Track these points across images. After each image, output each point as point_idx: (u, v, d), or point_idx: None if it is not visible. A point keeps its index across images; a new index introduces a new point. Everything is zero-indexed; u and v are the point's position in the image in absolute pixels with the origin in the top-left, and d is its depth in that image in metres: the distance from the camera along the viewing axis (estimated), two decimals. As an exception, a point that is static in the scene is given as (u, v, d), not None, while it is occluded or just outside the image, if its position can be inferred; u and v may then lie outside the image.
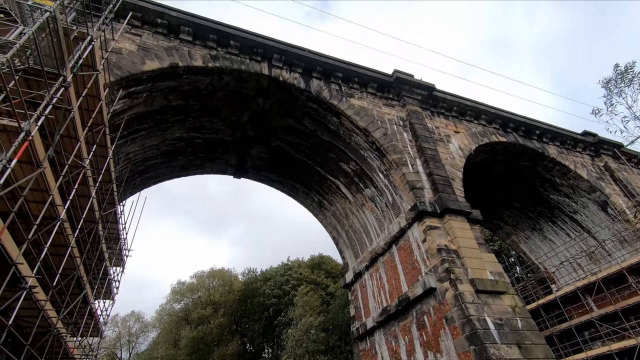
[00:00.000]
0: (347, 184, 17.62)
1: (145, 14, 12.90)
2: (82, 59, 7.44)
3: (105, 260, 12.91)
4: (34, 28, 5.71)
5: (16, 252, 6.40)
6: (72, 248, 8.88)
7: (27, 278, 6.91)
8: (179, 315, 41.39)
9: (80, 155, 8.48)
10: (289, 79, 14.70)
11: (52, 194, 7.35)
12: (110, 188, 11.48)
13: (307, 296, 36.62)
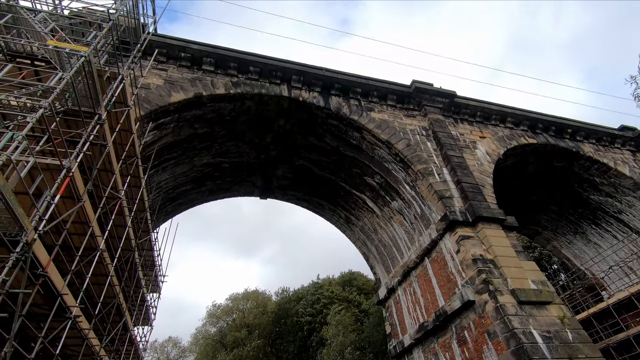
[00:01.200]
0: (373, 197, 17.44)
1: (169, 49, 13.65)
2: (115, 97, 7.92)
3: (142, 287, 13.31)
4: (72, 73, 6.17)
5: (61, 283, 6.72)
6: (112, 277, 9.23)
7: (72, 308, 7.22)
8: (214, 339, 41.61)
9: (116, 187, 8.92)
10: (309, 98, 14.96)
11: (92, 226, 7.73)
12: (144, 217, 11.94)
13: (340, 315, 35.92)
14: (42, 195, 6.22)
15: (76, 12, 9.59)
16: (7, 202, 4.91)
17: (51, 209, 5.94)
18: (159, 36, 13.53)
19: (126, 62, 8.82)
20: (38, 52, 7.31)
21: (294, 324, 40.39)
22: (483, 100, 18.39)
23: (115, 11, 8.63)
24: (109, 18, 8.23)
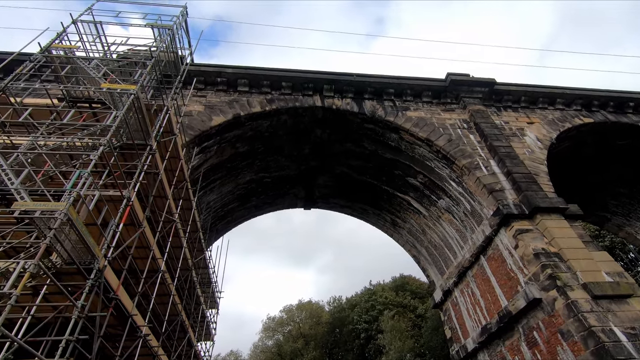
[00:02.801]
0: (417, 198, 16.97)
1: (206, 76, 14.42)
2: (162, 127, 8.50)
3: (202, 303, 13.94)
4: (124, 110, 6.72)
5: (130, 304, 7.25)
6: (173, 296, 9.78)
7: (142, 327, 7.74)
8: (272, 351, 42.32)
9: (170, 211, 9.51)
10: (342, 105, 15.01)
11: (152, 249, 8.28)
12: (197, 237, 12.58)
13: (394, 320, 35.01)
14: (108, 224, 6.79)
15: (122, 54, 10.49)
16: (80, 233, 5.41)
17: (117, 236, 6.46)
18: (196, 65, 14.35)
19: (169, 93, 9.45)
20: (94, 96, 8.07)
21: (349, 332, 40.00)
22: (526, 83, 17.30)
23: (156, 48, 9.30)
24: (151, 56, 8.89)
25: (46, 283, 5.51)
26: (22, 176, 5.95)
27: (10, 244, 6.13)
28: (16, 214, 5.27)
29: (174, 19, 10.83)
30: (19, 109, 7.61)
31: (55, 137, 7.09)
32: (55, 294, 5.81)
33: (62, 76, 8.51)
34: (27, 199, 5.55)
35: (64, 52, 8.79)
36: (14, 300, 4.66)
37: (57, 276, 5.56)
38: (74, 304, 5.38)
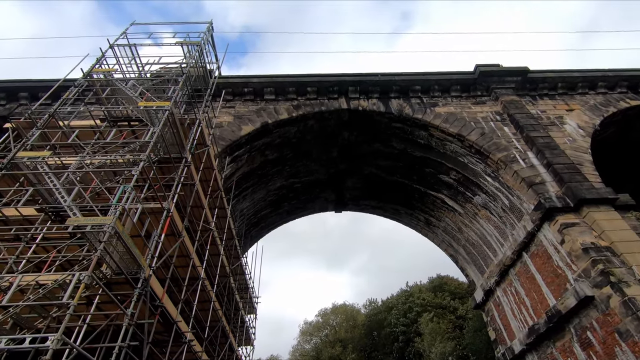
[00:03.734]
0: (451, 195, 16.49)
1: (234, 87, 14.84)
2: (196, 140, 8.83)
3: (240, 309, 14.26)
4: (160, 126, 7.06)
5: (175, 311, 7.55)
6: (214, 302, 10.08)
7: (186, 333, 8.04)
8: (311, 355, 42.43)
9: (207, 220, 9.83)
10: (368, 106, 14.92)
11: (192, 257, 8.59)
12: (233, 244, 12.91)
13: (433, 322, 34.02)
14: (151, 235, 7.13)
15: (156, 73, 11.04)
16: (127, 245, 5.72)
17: (159, 246, 6.77)
18: (223, 78, 14.82)
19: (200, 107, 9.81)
20: (132, 114, 8.54)
21: (387, 335, 39.34)
22: (562, 69, 16.39)
23: (186, 65, 9.70)
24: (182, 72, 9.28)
25: (98, 293, 5.86)
26: (73, 194, 6.39)
27: (66, 257, 6.59)
28: (70, 229, 5.67)
29: (201, 35, 11.27)
30: (67, 131, 8.19)
31: (99, 155, 7.56)
32: (107, 303, 6.16)
33: (103, 98, 9.08)
34: (78, 214, 5.95)
35: (104, 75, 9.39)
36: (72, 309, 5.00)
37: (108, 286, 5.90)
38: (124, 312, 5.68)
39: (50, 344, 4.50)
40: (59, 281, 5.47)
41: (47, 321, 5.54)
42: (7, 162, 6.96)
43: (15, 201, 7.24)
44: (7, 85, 14.70)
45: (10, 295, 5.34)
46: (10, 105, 14.42)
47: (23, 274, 5.68)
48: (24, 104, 14.35)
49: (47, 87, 13.28)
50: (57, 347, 4.57)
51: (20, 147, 7.34)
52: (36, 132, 7.78)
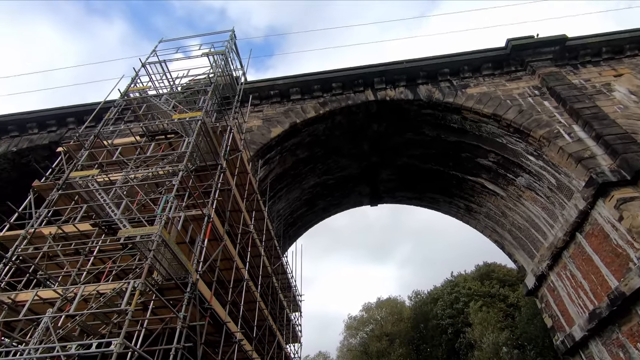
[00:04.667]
0: (491, 179, 15.77)
1: (260, 91, 15.09)
2: (229, 146, 9.09)
3: (285, 307, 14.53)
4: (194, 136, 7.33)
5: (223, 313, 7.83)
6: (259, 302, 10.36)
7: (235, 333, 8.32)
8: (359, 350, 42.47)
9: (246, 223, 10.10)
10: (395, 95, 14.60)
11: (235, 260, 8.86)
12: (272, 244, 13.17)
13: (482, 312, 32.77)
14: (195, 241, 7.44)
15: (186, 85, 11.48)
16: (174, 252, 6.01)
17: (204, 251, 7.05)
18: (249, 83, 15.11)
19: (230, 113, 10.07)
20: (168, 127, 8.94)
21: (435, 327, 38.47)
22: (605, 32, 15.10)
23: (213, 74, 9.99)
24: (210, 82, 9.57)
25: (152, 299, 6.21)
26: (122, 207, 6.81)
27: (120, 267, 7.04)
28: (122, 240, 6.04)
29: (225, 44, 11.56)
30: (111, 149, 8.73)
31: (142, 169, 7.99)
32: (161, 308, 6.51)
33: (140, 115, 9.58)
34: (128, 226, 6.33)
35: (139, 93, 9.90)
36: (130, 315, 5.34)
37: (160, 292, 6.24)
38: (177, 316, 5.98)
39: (114, 348, 4.83)
40: (116, 289, 5.85)
41: (109, 327, 5.95)
42: (62, 182, 7.54)
43: (72, 218, 7.83)
44: (56, 113, 15.91)
45: (75, 304, 5.79)
46: (61, 131, 15.60)
47: (85, 285, 6.13)
48: (72, 128, 15.47)
49: (90, 111, 14.24)
50: (120, 350, 4.91)
51: (72, 168, 7.92)
52: (84, 152, 8.36)
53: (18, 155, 15.32)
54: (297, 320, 16.52)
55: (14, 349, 5.38)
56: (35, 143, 15.32)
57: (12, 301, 6.22)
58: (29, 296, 6.14)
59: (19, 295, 6.35)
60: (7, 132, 15.87)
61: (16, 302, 6.25)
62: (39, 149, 15.25)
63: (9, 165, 15.44)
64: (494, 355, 29.92)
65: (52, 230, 7.24)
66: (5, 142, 15.68)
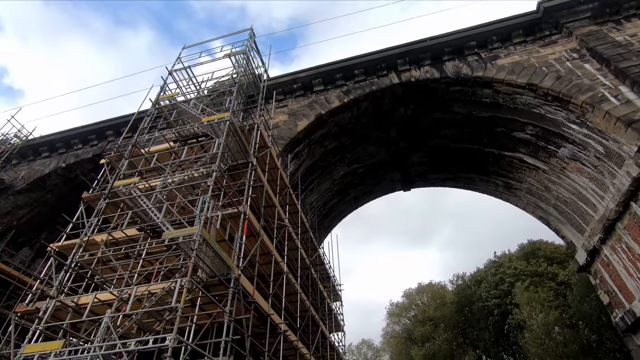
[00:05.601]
0: (531, 153, 14.96)
1: (283, 86, 15.16)
2: (257, 144, 9.24)
3: (326, 298, 14.73)
4: (223, 137, 7.51)
5: (266, 305, 8.06)
6: (300, 293, 10.56)
7: (280, 325, 8.56)
8: (402, 336, 42.35)
9: (280, 217, 10.27)
10: (420, 75, 14.14)
11: (273, 254, 9.07)
12: (308, 236, 13.33)
13: (529, 291, 31.47)
14: (234, 238, 7.68)
15: (211, 88, 11.76)
16: (215, 250, 6.24)
17: (243, 247, 7.26)
18: (272, 79, 15.21)
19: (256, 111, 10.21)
20: (198, 130, 9.22)
21: (480, 310, 37.50)
22: (652, -20, 13.68)
23: (236, 74, 10.15)
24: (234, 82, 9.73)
25: (199, 295, 6.51)
26: (163, 211, 7.14)
27: (167, 267, 7.42)
28: (166, 242, 6.35)
29: (245, 43, 11.68)
30: (149, 156, 9.15)
31: (178, 173, 8.32)
32: (208, 304, 6.81)
33: (171, 121, 9.95)
34: (170, 228, 6.64)
35: (169, 100, 10.27)
36: (180, 312, 5.63)
37: (206, 288, 6.52)
38: (223, 310, 6.23)
39: (169, 343, 5.13)
40: (165, 289, 6.19)
41: (162, 324, 6.32)
42: (108, 192, 8.03)
43: (120, 224, 8.33)
44: (96, 127, 16.89)
45: (130, 304, 6.19)
46: (102, 144, 16.56)
47: (137, 286, 6.53)
48: (111, 140, 16.37)
49: (126, 122, 14.97)
50: (174, 345, 5.20)
51: (115, 178, 8.40)
52: (125, 162, 8.83)
53: (67, 170, 16.46)
54: (339, 310, 16.69)
55: (81, 347, 5.85)
56: (81, 157, 16.37)
57: (76, 304, 6.75)
58: (89, 299, 6.64)
59: (80, 299, 6.88)
60: (56, 150, 17.08)
61: (79, 305, 6.78)
62: (84, 162, 16.30)
63: (60, 180, 16.64)
64: (545, 336, 28.75)
65: (104, 237, 7.75)
66: (54, 159, 16.89)
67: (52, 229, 17.15)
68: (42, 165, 16.78)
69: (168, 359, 4.99)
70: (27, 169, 16.91)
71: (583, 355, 26.95)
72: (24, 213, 16.48)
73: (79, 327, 6.94)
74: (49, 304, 6.55)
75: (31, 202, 16.50)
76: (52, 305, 6.52)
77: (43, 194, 16.63)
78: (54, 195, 16.84)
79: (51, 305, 6.50)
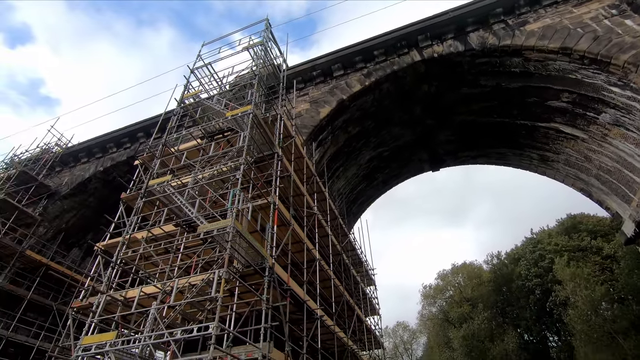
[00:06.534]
0: (568, 121, 14.11)
1: (302, 74, 15.06)
2: (281, 134, 9.29)
3: (359, 282, 14.82)
4: (248, 129, 7.60)
5: (301, 292, 8.23)
6: (333, 279, 10.68)
7: (316, 310, 8.72)
8: (439, 317, 42.07)
9: (309, 205, 10.36)
10: (443, 50, 13.58)
11: (304, 242, 9.19)
12: (337, 222, 13.38)
13: (572, 267, 30.15)
14: (265, 229, 7.84)
15: (233, 82, 11.88)
16: (248, 241, 6.40)
17: (275, 237, 7.40)
18: (291, 68, 15.14)
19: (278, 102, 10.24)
20: (223, 125, 9.38)
21: (519, 289, 36.49)
22: None
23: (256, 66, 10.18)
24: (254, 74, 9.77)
25: (236, 285, 6.73)
26: (197, 206, 7.39)
27: (204, 259, 7.71)
28: (201, 236, 6.59)
29: (262, 34, 11.66)
30: (178, 154, 9.45)
31: (207, 169, 8.55)
32: (245, 293, 7.05)
33: (197, 119, 10.18)
34: (204, 222, 6.86)
35: (193, 98, 10.50)
36: (220, 301, 5.86)
37: (242, 278, 6.72)
38: (261, 298, 6.43)
39: (212, 331, 5.36)
40: (205, 280, 6.45)
41: (204, 313, 6.61)
42: (144, 191, 8.39)
43: (157, 221, 8.71)
44: (128, 131, 17.61)
45: (173, 296, 6.51)
46: (134, 146, 17.26)
47: (178, 279, 6.84)
48: (143, 141, 17.02)
49: (154, 124, 15.50)
50: (217, 332, 5.44)
51: (149, 177, 8.76)
52: (157, 161, 9.17)
53: (105, 174, 17.35)
54: (373, 294, 16.77)
55: (132, 337, 6.25)
56: (116, 160, 17.18)
57: (124, 298, 7.19)
58: (136, 293, 7.04)
59: (128, 293, 7.31)
60: (93, 155, 18.00)
61: (127, 298, 7.21)
62: (120, 165, 17.09)
63: (99, 183, 17.58)
64: (591, 312, 27.59)
65: (144, 234, 8.15)
66: (93, 163, 17.83)
67: (97, 229, 18.25)
68: (82, 170, 17.76)
69: (212, 346, 5.24)
70: (69, 174, 17.96)
71: (634, 331, 25.66)
72: (71, 216, 17.60)
73: (129, 319, 7.41)
74: (101, 298, 7.01)
75: (76, 206, 17.58)
76: (104, 299, 6.97)
77: (85, 197, 17.65)
78: (95, 198, 17.84)
79: (103, 300, 6.96)
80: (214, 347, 5.23)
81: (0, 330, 13.79)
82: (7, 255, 14.75)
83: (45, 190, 17.06)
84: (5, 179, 16.00)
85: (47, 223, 16.74)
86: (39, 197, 16.84)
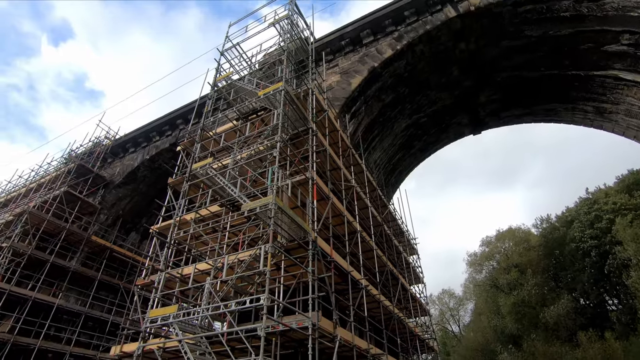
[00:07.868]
0: (629, 67, 12.67)
1: (330, 45, 14.64)
2: (314, 108, 9.20)
3: (402, 252, 14.80)
4: (281, 106, 7.60)
5: (345, 264, 8.38)
6: (375, 250, 10.74)
7: (360, 281, 8.88)
8: (487, 284, 41.24)
9: (347, 178, 10.33)
10: (481, 1, 12.53)
11: (344, 215, 9.25)
12: (376, 194, 13.28)
13: (634, 227, 27.85)
14: (305, 204, 7.97)
15: (262, 61, 11.85)
16: (290, 216, 6.55)
17: (315, 211, 7.51)
18: (319, 40, 14.74)
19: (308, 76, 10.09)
20: (257, 105, 9.46)
21: (573, 252, 34.58)
22: None
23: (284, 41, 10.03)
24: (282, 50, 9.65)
25: (282, 259, 6.99)
26: (238, 185, 7.64)
27: (250, 236, 8.05)
28: (245, 214, 6.84)
29: (287, 7, 11.39)
30: (217, 137, 9.73)
31: (245, 149, 8.74)
32: (291, 266, 7.30)
33: (231, 101, 10.34)
34: (247, 201, 7.10)
35: (225, 81, 10.63)
36: (269, 275, 6.13)
37: (287, 252, 6.96)
38: (306, 270, 6.64)
39: (264, 302, 5.66)
40: (252, 255, 6.75)
41: (254, 286, 6.96)
42: (188, 175, 8.80)
43: (203, 203, 9.15)
44: (167, 119, 18.35)
45: (225, 272, 6.90)
46: (175, 133, 18.00)
47: (227, 255, 7.22)
48: (182, 128, 17.69)
49: (191, 109, 15.97)
50: (268, 304, 5.73)
51: (192, 161, 9.14)
52: (197, 146, 9.51)
53: (151, 162, 18.36)
54: (416, 263, 16.72)
55: (192, 310, 6.76)
56: (160, 148, 18.07)
57: (181, 275, 7.74)
58: (191, 270, 7.56)
59: (184, 270, 7.86)
60: (139, 144, 19.05)
61: (183, 275, 7.76)
62: (164, 152, 17.97)
63: (147, 171, 18.67)
64: (658, 273, 25.64)
65: (192, 216, 8.62)
66: (139, 152, 18.90)
67: (150, 214, 19.62)
68: (131, 159, 18.91)
69: (265, 316, 5.54)
70: (120, 165, 19.23)
71: None
72: (126, 203, 18.99)
73: (187, 294, 8.00)
74: (160, 276, 7.61)
75: (129, 193, 18.90)
76: (163, 277, 7.56)
77: (137, 185, 18.89)
78: (145, 185, 19.03)
79: (162, 277, 7.55)
80: (266, 316, 5.53)
81: (79, 307, 15.55)
82: (77, 242, 16.37)
83: (101, 181, 18.46)
84: (67, 173, 17.47)
85: (106, 210, 18.22)
86: (97, 187, 18.29)
